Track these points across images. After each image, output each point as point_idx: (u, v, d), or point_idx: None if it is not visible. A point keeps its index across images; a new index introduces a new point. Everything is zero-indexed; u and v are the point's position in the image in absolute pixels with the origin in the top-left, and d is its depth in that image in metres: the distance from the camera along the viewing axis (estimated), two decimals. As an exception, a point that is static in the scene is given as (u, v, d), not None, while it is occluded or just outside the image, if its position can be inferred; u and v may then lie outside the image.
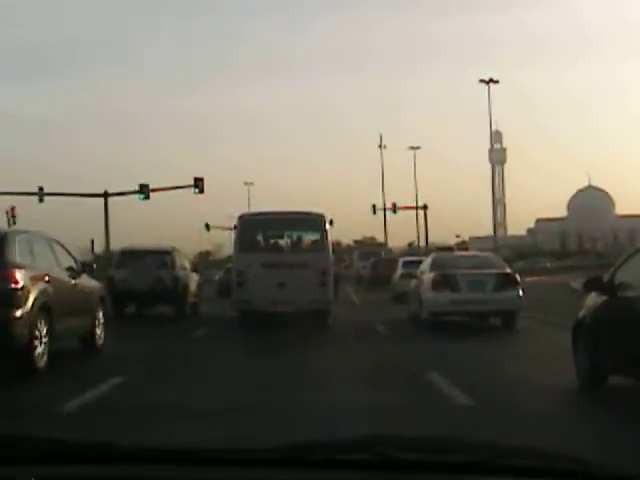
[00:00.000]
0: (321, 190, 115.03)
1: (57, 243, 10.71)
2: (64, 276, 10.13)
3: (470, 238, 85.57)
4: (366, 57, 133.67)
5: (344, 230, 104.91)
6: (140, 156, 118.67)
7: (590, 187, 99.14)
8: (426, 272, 15.43)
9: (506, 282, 14.15)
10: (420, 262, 19.90)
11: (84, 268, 11.15)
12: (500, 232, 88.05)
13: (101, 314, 11.43)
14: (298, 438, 1.91)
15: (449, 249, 42.61)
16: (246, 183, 66.52)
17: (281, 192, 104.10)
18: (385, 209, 60.51)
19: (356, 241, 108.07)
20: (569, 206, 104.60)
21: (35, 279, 8.98)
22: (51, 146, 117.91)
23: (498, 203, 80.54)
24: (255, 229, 16.71)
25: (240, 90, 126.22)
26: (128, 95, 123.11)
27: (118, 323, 15.14)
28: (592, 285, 7.60)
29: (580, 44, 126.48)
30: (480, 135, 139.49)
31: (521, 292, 14.25)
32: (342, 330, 14.57)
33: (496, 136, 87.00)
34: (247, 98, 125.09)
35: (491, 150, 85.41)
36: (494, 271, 14.42)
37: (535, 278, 37.09)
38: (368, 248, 61.46)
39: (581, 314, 7.60)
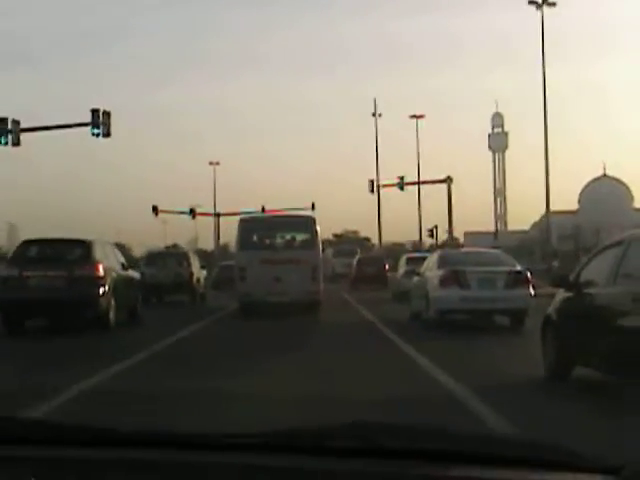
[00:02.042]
0: (311, 181, 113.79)
1: (114, 246, 17.78)
2: (120, 269, 16.66)
3: (465, 233, 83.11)
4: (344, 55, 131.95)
5: (333, 220, 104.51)
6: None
7: (605, 177, 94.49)
8: (433, 269, 16.23)
9: (517, 280, 15.06)
10: (424, 259, 20.99)
11: (129, 264, 17.52)
12: (499, 227, 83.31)
13: (139, 296, 18.18)
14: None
15: (457, 246, 43.48)
16: (211, 163, 68.61)
17: (270, 187, 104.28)
18: (378, 187, 57.10)
19: (336, 235, 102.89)
20: (581, 198, 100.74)
21: (107, 270, 15.44)
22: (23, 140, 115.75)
23: (498, 194, 76.85)
24: (254, 230, 20.64)
25: (218, 84, 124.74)
26: (105, 88, 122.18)
27: (148, 307, 20.56)
28: (559, 282, 8.92)
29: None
30: (480, 119, 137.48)
31: (532, 291, 14.73)
32: (350, 331, 15.56)
33: (496, 119, 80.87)
34: (225, 92, 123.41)
35: (491, 135, 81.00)
36: (505, 268, 15.33)
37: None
38: (345, 245, 60.66)
39: (549, 310, 8.76)
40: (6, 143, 30.17)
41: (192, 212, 63.60)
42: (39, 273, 14.77)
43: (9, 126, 30.12)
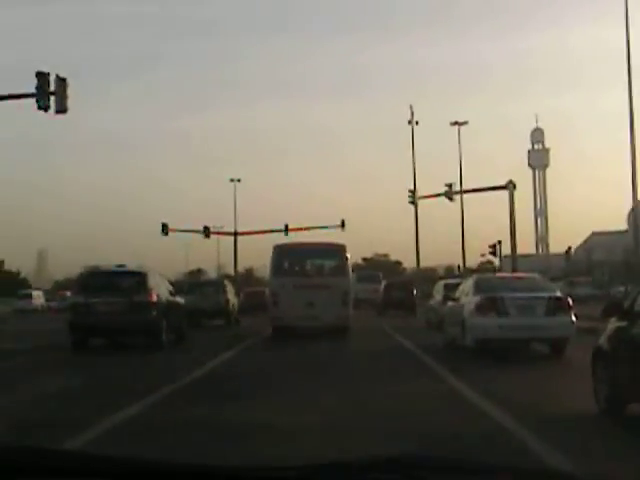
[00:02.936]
0: (341, 201, 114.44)
1: (163, 276, 21.92)
2: (169, 296, 19.87)
3: (504, 257, 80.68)
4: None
5: (364, 242, 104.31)
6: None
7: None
8: (469, 295, 16.28)
9: (558, 306, 15.09)
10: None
11: (176, 291, 21.76)
12: (541, 249, 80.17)
13: (186, 320, 21.39)
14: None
15: (493, 270, 43.02)
16: (232, 180, 66.91)
17: (295, 207, 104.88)
18: (415, 198, 53.76)
19: (366, 259, 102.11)
20: (630, 217, 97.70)
21: (159, 297, 18.66)
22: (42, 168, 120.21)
23: (539, 214, 74.34)
24: (287, 257, 22.44)
25: (246, 109, 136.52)
26: (128, 115, 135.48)
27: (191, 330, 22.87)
28: (612, 310, 8.59)
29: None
30: (516, 134, 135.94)
31: (574, 318, 14.56)
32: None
33: (537, 134, 77.96)
34: (253, 117, 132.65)
35: (531, 151, 78.30)
36: (545, 294, 15.30)
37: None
38: (368, 271, 59.88)
39: (600, 340, 8.47)
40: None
41: (207, 231, 60.95)
42: (102, 300, 17.96)
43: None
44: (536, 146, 79.33)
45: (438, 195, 51.24)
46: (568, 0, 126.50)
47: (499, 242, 48.49)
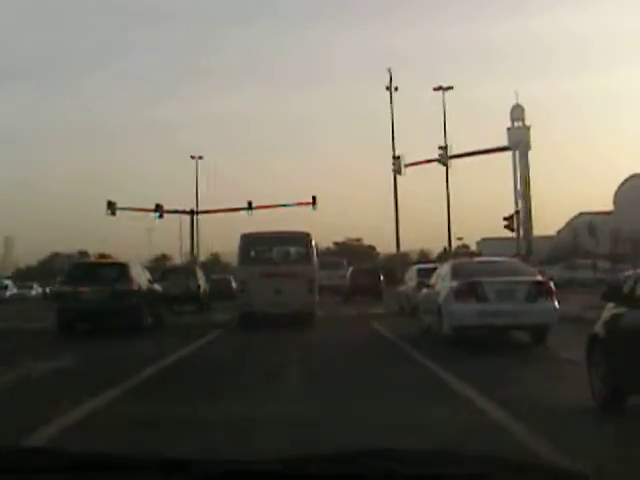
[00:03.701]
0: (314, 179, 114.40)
1: (142, 266, 24.93)
2: (148, 284, 22.39)
3: (482, 240, 79.36)
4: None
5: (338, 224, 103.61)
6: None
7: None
8: (445, 280, 15.90)
9: (540, 291, 14.89)
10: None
11: (154, 279, 24.01)
12: (522, 233, 77.31)
13: (163, 306, 24.08)
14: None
15: (470, 254, 42.13)
16: (193, 157, 63.40)
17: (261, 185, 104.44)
18: (399, 165, 47.11)
19: (337, 243, 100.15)
20: (616, 198, 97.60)
21: (140, 286, 21.08)
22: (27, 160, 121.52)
23: (519, 196, 72.27)
24: (254, 245, 23.45)
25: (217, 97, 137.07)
26: (105, 105, 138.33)
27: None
28: (611, 295, 8.10)
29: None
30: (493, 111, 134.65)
31: (557, 304, 14.09)
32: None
33: (517, 111, 75.43)
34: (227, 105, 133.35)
35: (511, 128, 74.81)
36: (526, 279, 14.88)
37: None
38: (331, 257, 59.39)
39: (596, 327, 7.98)
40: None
41: (159, 209, 53.92)
42: (89, 288, 20.24)
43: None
44: (516, 124, 76.79)
45: (430, 161, 47.59)
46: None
47: (517, 212, 45.33)
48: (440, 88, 50.48)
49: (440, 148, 46.52)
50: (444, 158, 46.19)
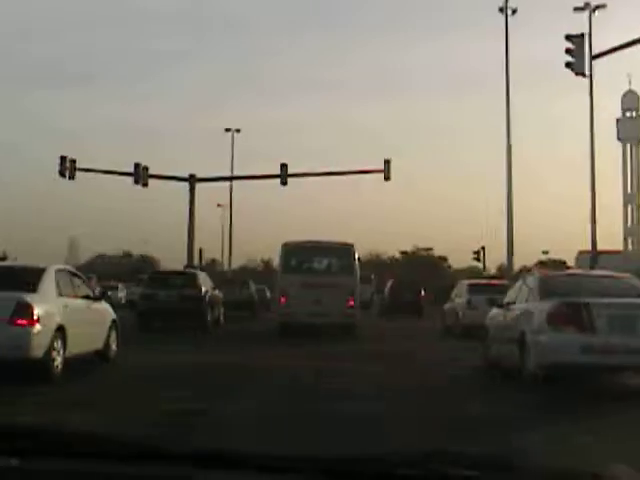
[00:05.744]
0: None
1: (206, 274, 30.11)
2: (211, 290, 27.57)
3: (580, 253, 72.46)
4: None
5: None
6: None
7: None
8: (530, 300, 12.93)
9: None
10: (494, 286, 23.91)
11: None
12: (631, 244, 64.97)
13: (222, 309, 29.24)
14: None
15: (562, 265, 37.25)
16: (227, 129, 58.83)
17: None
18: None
19: (404, 252, 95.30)
20: None
21: (205, 291, 26.10)
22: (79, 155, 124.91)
23: (629, 200, 61.06)
24: (296, 255, 24.28)
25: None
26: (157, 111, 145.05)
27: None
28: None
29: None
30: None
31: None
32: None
33: (630, 98, 64.37)
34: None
35: (621, 120, 64.22)
36: None
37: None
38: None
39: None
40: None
41: (139, 170, 41.11)
42: (164, 292, 25.73)
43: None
44: (628, 114, 65.15)
45: None
46: None
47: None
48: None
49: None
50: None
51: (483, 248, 52.16)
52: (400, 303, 38.29)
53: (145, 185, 41.71)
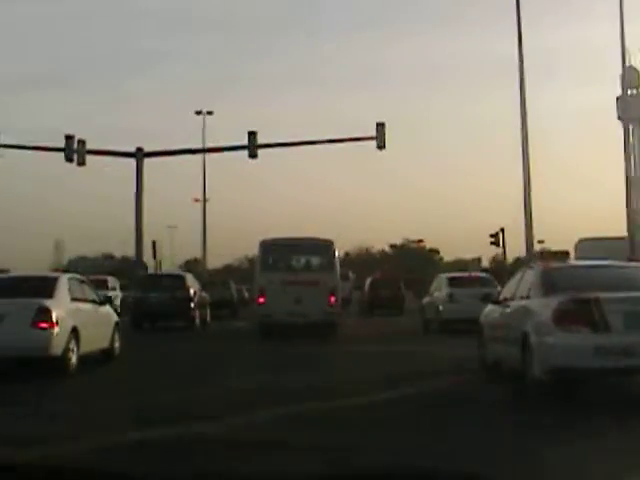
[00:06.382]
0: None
1: (194, 276, 33.77)
2: (199, 292, 30.42)
3: (580, 241, 70.03)
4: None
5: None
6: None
7: None
8: (531, 295, 11.70)
9: None
10: (475, 279, 24.32)
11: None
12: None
13: (209, 310, 31.97)
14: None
15: (563, 254, 35.03)
16: (197, 112, 57.35)
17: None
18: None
19: (393, 245, 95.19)
20: None
21: (194, 293, 28.89)
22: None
23: (632, 183, 58.48)
24: (275, 252, 23.59)
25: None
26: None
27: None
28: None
29: None
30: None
31: None
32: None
33: (631, 75, 62.46)
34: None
35: (621, 98, 61.71)
36: None
37: None
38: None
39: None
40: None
41: (71, 143, 36.59)
42: (155, 294, 27.86)
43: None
44: (630, 91, 62.85)
45: None
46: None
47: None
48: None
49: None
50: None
51: (502, 230, 44.64)
52: (380, 299, 37.93)
53: (81, 164, 35.68)
